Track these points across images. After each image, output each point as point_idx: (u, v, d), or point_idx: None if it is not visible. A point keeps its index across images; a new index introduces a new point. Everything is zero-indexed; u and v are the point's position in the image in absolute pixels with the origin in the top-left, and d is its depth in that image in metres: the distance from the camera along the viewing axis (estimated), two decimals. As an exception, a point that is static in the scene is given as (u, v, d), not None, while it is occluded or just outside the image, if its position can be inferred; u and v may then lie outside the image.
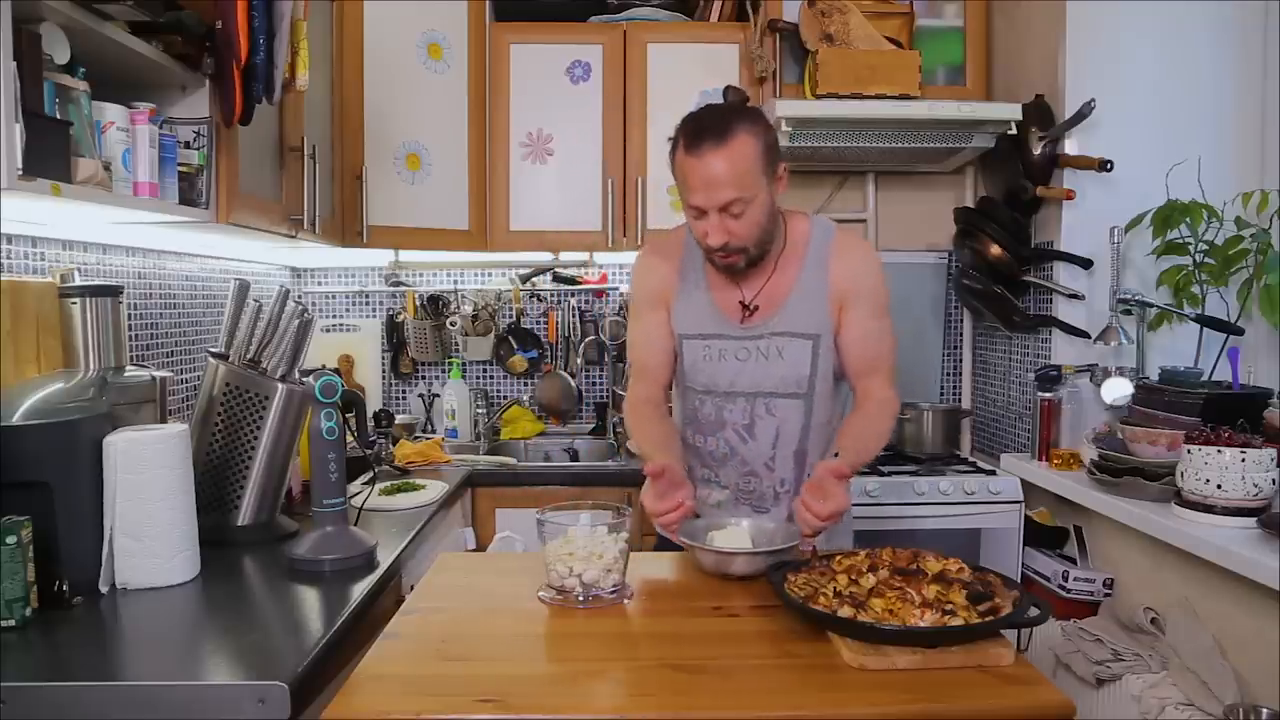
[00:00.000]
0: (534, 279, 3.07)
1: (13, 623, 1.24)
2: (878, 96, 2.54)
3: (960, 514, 2.46)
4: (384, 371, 3.11)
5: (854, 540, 1.89)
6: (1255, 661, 1.67)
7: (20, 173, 1.20)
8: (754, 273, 1.67)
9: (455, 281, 3.10)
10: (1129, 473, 2.03)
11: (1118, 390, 2.28)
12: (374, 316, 3.11)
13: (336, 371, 2.23)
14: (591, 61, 2.76)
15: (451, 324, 3.01)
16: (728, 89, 1.71)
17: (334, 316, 3.10)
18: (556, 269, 3.06)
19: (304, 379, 1.72)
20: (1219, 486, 1.75)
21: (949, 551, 1.33)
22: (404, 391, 3.13)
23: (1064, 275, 2.48)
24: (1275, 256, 2.05)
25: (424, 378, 3.13)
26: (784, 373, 1.68)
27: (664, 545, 1.76)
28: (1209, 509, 1.77)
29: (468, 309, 3.02)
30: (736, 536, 1.49)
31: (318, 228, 2.16)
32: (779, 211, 1.66)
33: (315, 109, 2.25)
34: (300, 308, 1.79)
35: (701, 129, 1.53)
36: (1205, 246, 2.20)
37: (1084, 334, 2.44)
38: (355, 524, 1.68)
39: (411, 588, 1.54)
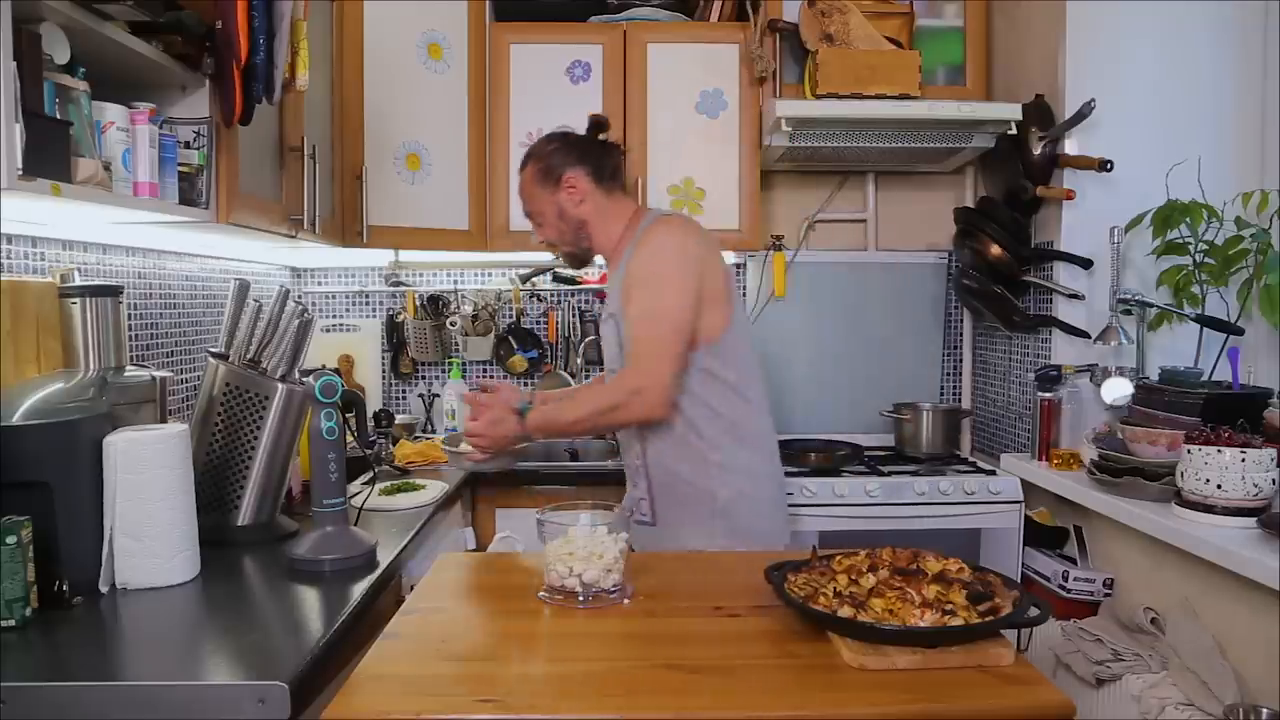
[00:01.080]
0: (534, 279, 3.07)
1: (13, 623, 1.24)
2: (878, 96, 2.54)
3: (960, 514, 2.46)
4: (384, 371, 3.11)
5: (819, 540, 2.01)
6: (1255, 661, 1.67)
7: (20, 173, 1.20)
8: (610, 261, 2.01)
9: (455, 281, 3.10)
10: (1129, 473, 2.03)
11: (1118, 390, 2.28)
12: (374, 316, 3.11)
13: (336, 371, 2.23)
14: (591, 61, 2.76)
15: (451, 324, 3.01)
16: (590, 117, 2.06)
17: (334, 316, 3.10)
18: (556, 269, 3.06)
19: (304, 379, 1.71)
20: (1219, 486, 1.75)
21: (949, 551, 1.33)
22: (404, 391, 3.13)
23: (1064, 275, 2.48)
24: (1275, 256, 2.05)
25: (424, 378, 3.13)
26: (611, 350, 2.00)
27: None
28: (1209, 509, 1.77)
29: (468, 309, 3.02)
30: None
31: (318, 228, 2.16)
32: (585, 215, 1.96)
33: (315, 109, 2.25)
34: (300, 308, 1.79)
35: None
36: (1205, 246, 2.20)
37: (1084, 334, 2.44)
38: (355, 524, 1.67)
39: (411, 588, 1.54)
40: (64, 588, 1.33)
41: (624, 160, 2.16)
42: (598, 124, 2.03)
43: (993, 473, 2.56)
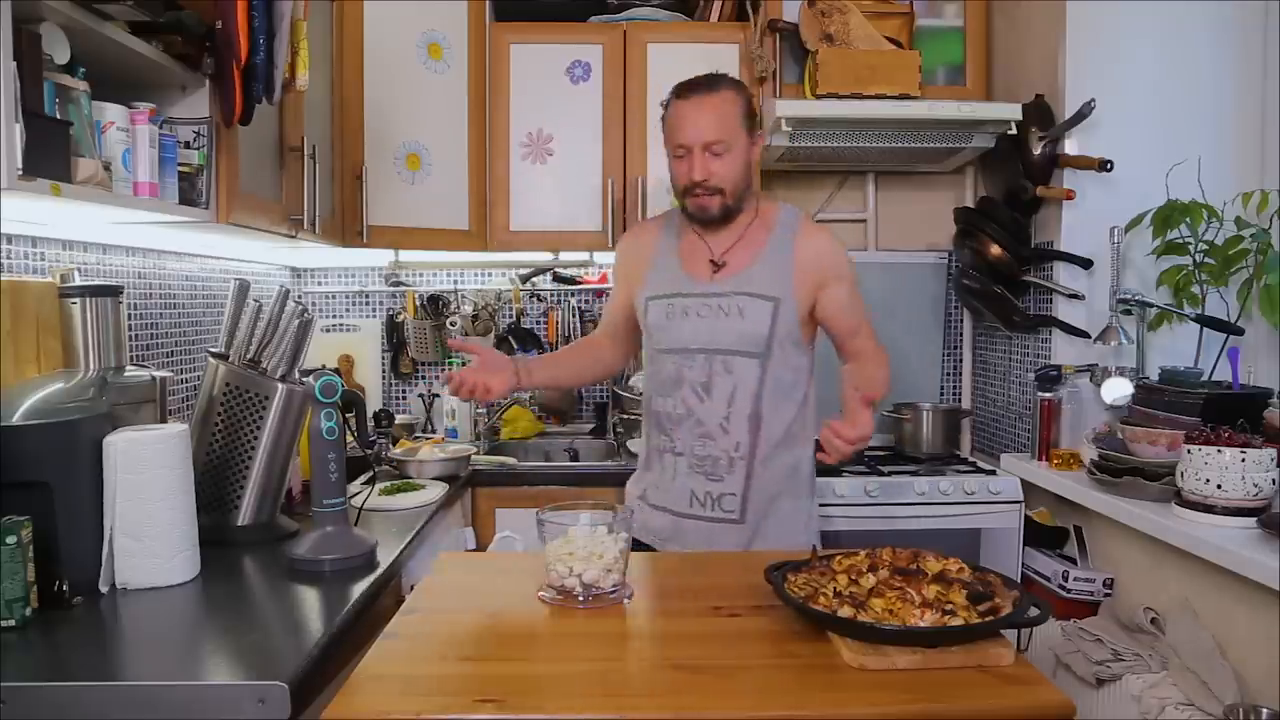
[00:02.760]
0: (534, 279, 3.07)
1: (13, 623, 1.24)
2: (878, 96, 2.54)
3: (960, 514, 2.46)
4: (384, 371, 3.11)
5: (821, 540, 1.96)
6: (1255, 661, 1.67)
7: (20, 173, 1.20)
8: (724, 234, 1.85)
9: (455, 281, 3.10)
10: (1129, 473, 2.03)
11: (1118, 390, 2.28)
12: (374, 316, 3.11)
13: (336, 371, 2.23)
14: (591, 61, 2.76)
15: (451, 324, 3.01)
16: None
17: (334, 316, 3.10)
18: (556, 269, 3.06)
19: (304, 379, 1.72)
20: (1219, 486, 1.75)
21: (949, 551, 1.33)
22: (404, 391, 3.13)
23: (1064, 275, 2.48)
24: (1275, 256, 2.05)
25: (424, 378, 3.13)
26: (743, 329, 1.80)
27: None
28: (1209, 509, 1.77)
29: (468, 309, 3.01)
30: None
31: (318, 228, 2.16)
32: (753, 178, 1.87)
33: (315, 109, 2.25)
34: (300, 308, 1.79)
35: (694, 82, 1.80)
36: (1205, 246, 2.20)
37: (1084, 334, 2.44)
38: (355, 524, 1.68)
39: (411, 588, 1.54)
40: (64, 588, 1.33)
41: None
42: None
43: (993, 473, 2.56)
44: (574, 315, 3.10)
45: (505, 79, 2.76)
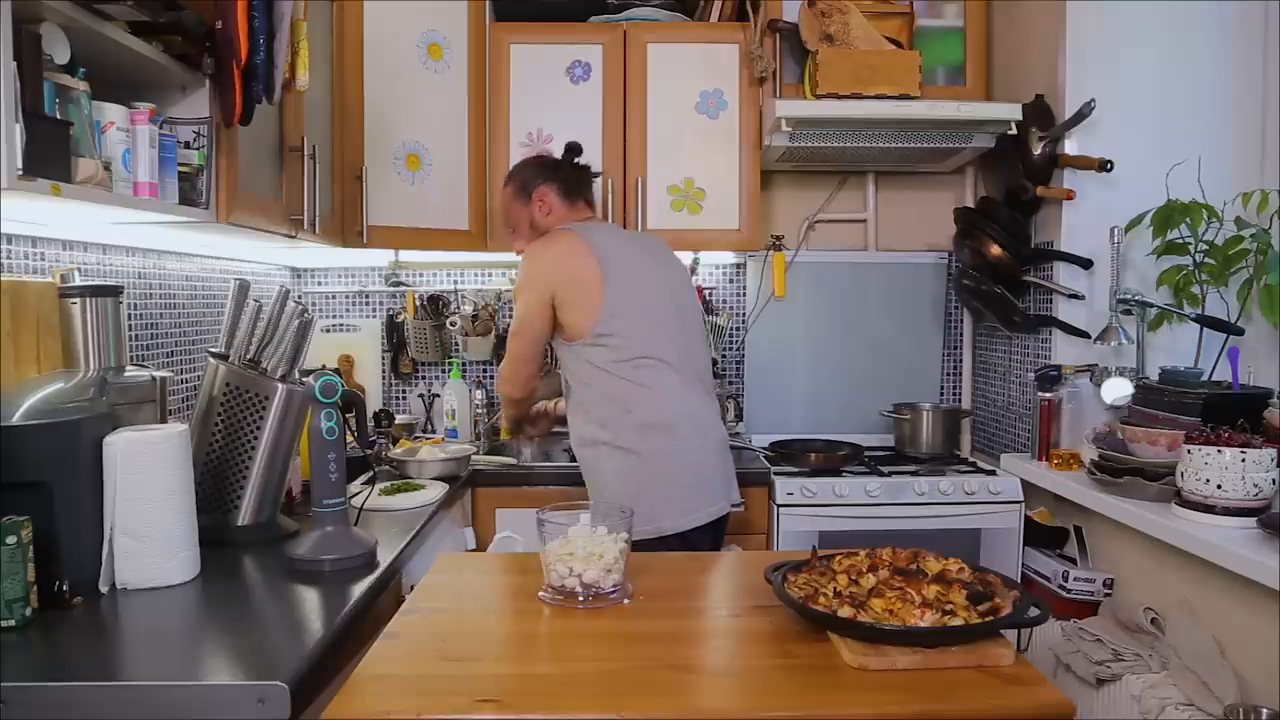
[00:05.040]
0: (534, 279, 3.06)
1: (13, 623, 1.24)
2: (878, 96, 2.54)
3: (960, 514, 2.46)
4: (384, 371, 3.11)
5: (819, 540, 2.04)
6: (1255, 661, 1.67)
7: (20, 173, 1.20)
8: None
9: (455, 281, 3.10)
10: (1129, 473, 2.03)
11: (1118, 390, 2.28)
12: (374, 316, 3.11)
13: (336, 371, 2.23)
14: (591, 61, 2.76)
15: (451, 324, 3.01)
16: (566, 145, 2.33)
17: (334, 316, 3.10)
18: (556, 269, 3.06)
19: (304, 379, 1.71)
20: (1219, 486, 1.75)
21: (949, 551, 1.33)
22: (404, 391, 3.13)
23: (1064, 275, 2.48)
24: (1275, 256, 2.05)
25: (424, 378, 3.13)
26: None
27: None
28: (1209, 509, 1.77)
29: (468, 309, 3.01)
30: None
31: (318, 228, 2.16)
32: (551, 226, 2.23)
33: (315, 109, 2.25)
34: (300, 308, 1.79)
35: None
36: (1205, 246, 2.20)
37: (1084, 334, 2.44)
38: (355, 524, 1.68)
39: (411, 588, 1.54)
40: (64, 588, 1.33)
41: (591, 179, 2.35)
42: (571, 149, 2.32)
43: (993, 473, 2.56)
44: (574, 315, 3.10)
45: (505, 79, 2.76)
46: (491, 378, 3.12)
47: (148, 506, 1.41)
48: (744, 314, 3.08)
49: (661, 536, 1.99)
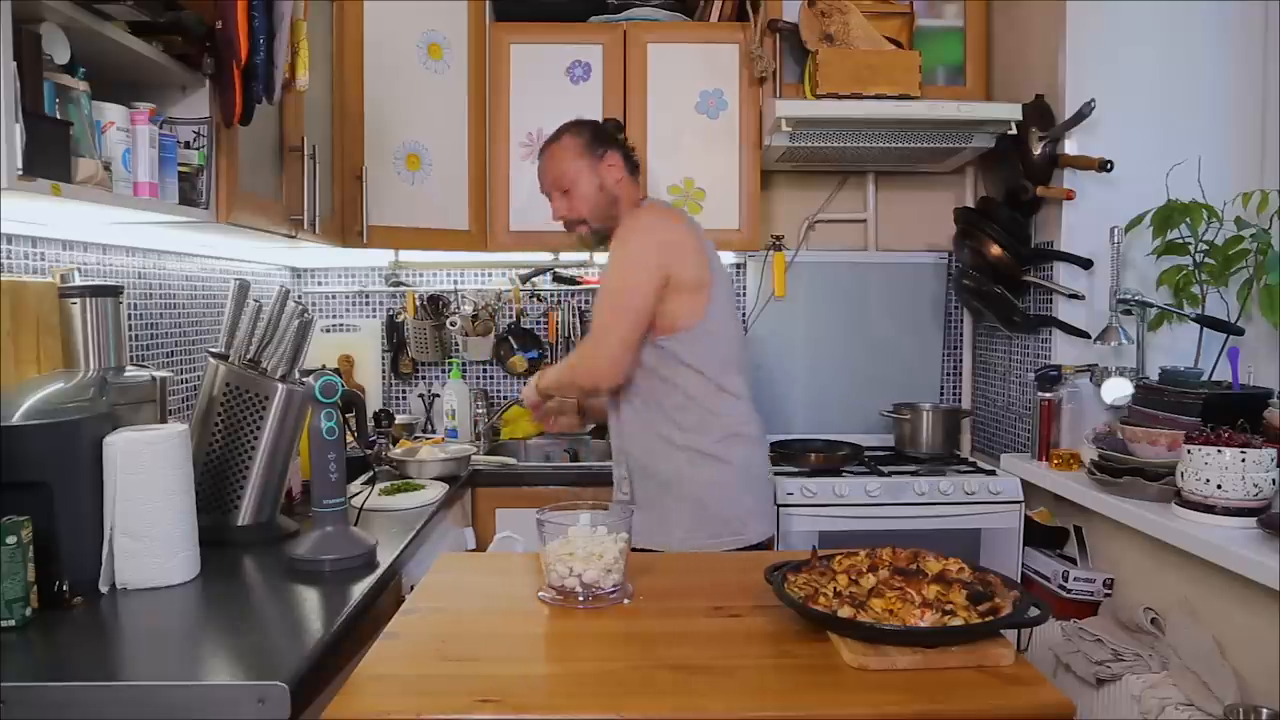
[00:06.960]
0: (534, 279, 3.07)
1: (13, 623, 1.24)
2: (878, 96, 2.54)
3: (960, 514, 2.46)
4: (384, 371, 3.11)
5: (819, 540, 2.06)
6: (1255, 661, 1.67)
7: (20, 173, 1.20)
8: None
9: (455, 281, 3.10)
10: (1129, 473, 2.03)
11: (1118, 390, 2.28)
12: (374, 316, 3.11)
13: (336, 371, 2.23)
14: (591, 61, 2.76)
15: (451, 324, 3.01)
16: (607, 120, 2.23)
17: (334, 316, 3.10)
18: (556, 269, 3.06)
19: (304, 379, 1.72)
20: (1219, 486, 1.75)
21: (949, 551, 1.33)
22: (404, 391, 3.13)
23: (1064, 275, 2.48)
24: (1275, 256, 2.05)
25: (424, 378, 3.13)
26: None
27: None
28: (1209, 509, 1.77)
29: (468, 309, 3.02)
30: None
31: (318, 228, 2.16)
32: (616, 194, 2.06)
33: (315, 109, 2.25)
34: (300, 308, 1.79)
35: (547, 140, 2.14)
36: (1205, 246, 2.20)
37: (1084, 334, 2.44)
38: (355, 524, 1.68)
39: (411, 588, 1.54)
40: (64, 588, 1.33)
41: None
42: (618, 125, 2.23)
43: (993, 473, 2.56)
44: (574, 315, 3.10)
45: (505, 79, 2.76)
46: (491, 378, 3.13)
47: (148, 506, 1.41)
48: (744, 314, 3.08)
49: (747, 546, 1.98)
